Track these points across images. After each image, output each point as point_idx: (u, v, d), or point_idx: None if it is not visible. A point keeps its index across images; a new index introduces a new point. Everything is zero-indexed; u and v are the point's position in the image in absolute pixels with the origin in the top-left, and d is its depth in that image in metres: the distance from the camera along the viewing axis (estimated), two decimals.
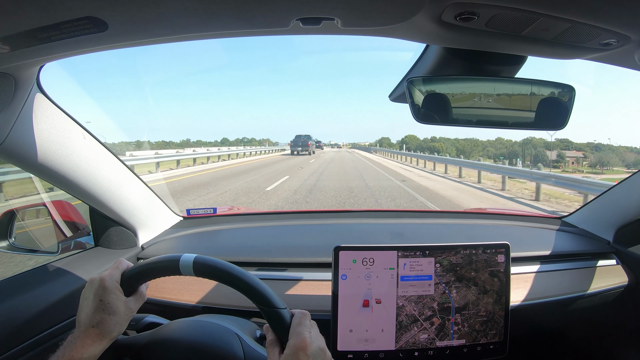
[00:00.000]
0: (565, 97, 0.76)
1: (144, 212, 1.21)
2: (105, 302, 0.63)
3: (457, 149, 73.17)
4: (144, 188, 1.20)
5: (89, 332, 0.61)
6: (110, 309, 0.63)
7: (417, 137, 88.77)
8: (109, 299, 0.63)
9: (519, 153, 52.57)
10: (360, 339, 0.89)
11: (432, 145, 77.90)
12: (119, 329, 0.64)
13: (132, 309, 0.66)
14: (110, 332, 0.62)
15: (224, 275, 0.70)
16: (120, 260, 0.70)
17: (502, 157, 50.38)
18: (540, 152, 52.43)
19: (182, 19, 0.55)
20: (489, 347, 0.92)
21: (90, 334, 0.61)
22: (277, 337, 0.66)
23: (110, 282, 0.65)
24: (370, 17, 0.56)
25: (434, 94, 0.76)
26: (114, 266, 0.68)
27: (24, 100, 0.76)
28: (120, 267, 0.68)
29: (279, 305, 0.69)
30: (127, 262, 0.70)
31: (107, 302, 0.63)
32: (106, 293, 0.64)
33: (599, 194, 1.33)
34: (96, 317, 0.62)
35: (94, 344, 0.61)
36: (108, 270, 0.67)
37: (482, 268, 0.92)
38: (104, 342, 0.62)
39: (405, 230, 1.41)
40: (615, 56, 0.69)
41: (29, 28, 0.52)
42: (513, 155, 55.31)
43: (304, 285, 1.06)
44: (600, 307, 1.15)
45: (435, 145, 78.30)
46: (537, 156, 50.32)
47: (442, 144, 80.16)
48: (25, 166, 0.86)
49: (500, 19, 0.56)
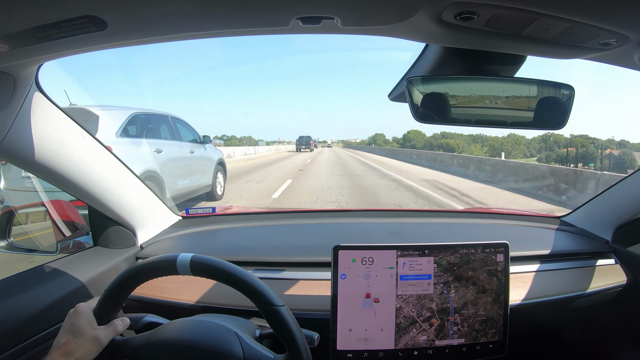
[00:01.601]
0: (564, 97, 0.77)
1: (142, 212, 1.21)
2: (75, 325, 0.70)
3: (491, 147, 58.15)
4: (143, 187, 1.20)
5: (54, 354, 0.67)
6: (77, 331, 0.69)
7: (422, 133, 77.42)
8: (78, 323, 0.70)
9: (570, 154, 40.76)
10: (360, 338, 0.89)
11: (443, 143, 66.39)
12: (83, 353, 0.68)
13: (99, 336, 0.70)
14: (72, 353, 0.67)
15: (221, 274, 0.70)
16: (95, 297, 0.77)
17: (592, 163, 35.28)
18: (591, 151, 40.24)
19: (182, 18, 0.55)
20: (488, 346, 0.93)
21: (55, 355, 0.67)
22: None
23: (84, 308, 0.72)
24: (370, 16, 0.57)
25: (433, 94, 0.76)
26: (92, 300, 0.76)
27: (22, 99, 0.76)
28: (95, 301, 0.75)
29: (277, 303, 0.69)
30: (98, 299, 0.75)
31: (76, 325, 0.70)
32: (77, 317, 0.71)
33: (597, 194, 1.34)
34: (63, 338, 0.69)
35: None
36: (85, 302, 0.75)
37: (480, 267, 0.92)
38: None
39: (405, 229, 1.41)
40: (614, 56, 0.69)
41: (28, 27, 0.52)
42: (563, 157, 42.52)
43: (303, 285, 1.06)
44: (599, 307, 1.16)
45: (450, 142, 66.23)
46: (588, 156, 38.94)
47: (457, 141, 67.18)
48: (24, 165, 0.86)
49: (500, 19, 0.56)
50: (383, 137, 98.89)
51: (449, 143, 66.21)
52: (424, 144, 70.79)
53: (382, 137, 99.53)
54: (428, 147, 57.96)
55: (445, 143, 66.90)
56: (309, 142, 35.94)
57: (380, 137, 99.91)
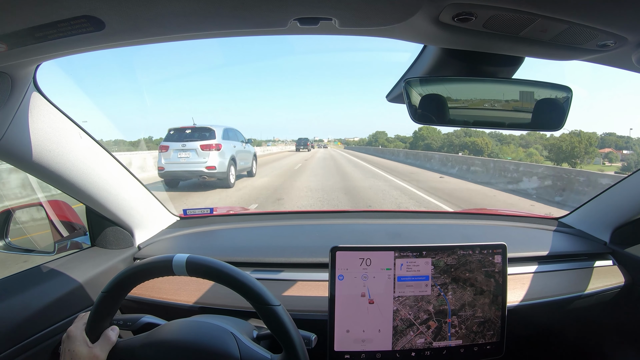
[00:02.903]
0: (562, 98, 0.77)
1: (140, 212, 1.20)
2: (71, 350, 0.72)
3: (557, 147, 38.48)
4: (141, 188, 1.19)
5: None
6: (74, 356, 0.71)
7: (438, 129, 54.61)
8: (73, 347, 0.72)
9: None
10: (357, 339, 0.89)
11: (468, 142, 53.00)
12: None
13: (96, 354, 0.71)
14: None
15: (216, 274, 0.71)
16: (80, 315, 0.78)
17: None
18: None
19: (179, 19, 0.55)
20: (486, 347, 0.93)
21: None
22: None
23: (74, 332, 0.74)
24: (368, 17, 0.57)
25: (431, 95, 0.76)
26: (77, 319, 0.77)
27: (20, 99, 0.75)
28: (84, 319, 0.76)
29: (272, 302, 0.69)
30: (86, 315, 0.76)
31: (72, 350, 0.72)
32: (71, 342, 0.72)
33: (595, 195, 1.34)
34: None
35: None
36: (73, 324, 0.76)
37: (477, 269, 0.92)
38: None
39: (403, 230, 1.41)
40: (612, 57, 0.69)
41: (26, 27, 0.52)
42: None
43: (301, 286, 1.05)
44: (597, 308, 1.16)
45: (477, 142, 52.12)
46: None
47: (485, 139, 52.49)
48: (22, 165, 0.86)
49: (498, 20, 0.56)
50: (385, 136, 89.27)
51: (476, 142, 52.10)
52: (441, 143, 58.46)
53: (383, 135, 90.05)
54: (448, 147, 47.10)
55: (470, 142, 52.94)
56: (306, 144, 41.07)
57: (382, 135, 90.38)
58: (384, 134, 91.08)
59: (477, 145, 51.19)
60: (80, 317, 0.77)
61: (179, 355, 0.70)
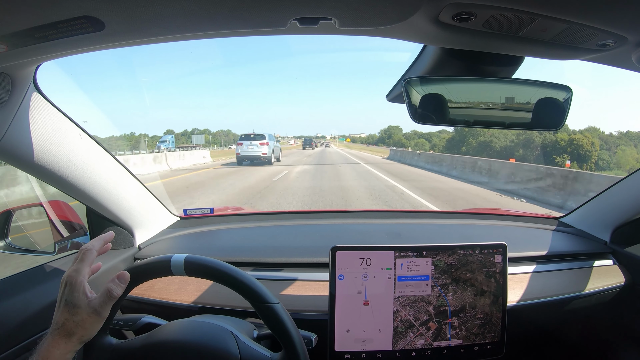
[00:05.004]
0: (562, 98, 0.77)
1: (140, 212, 1.20)
2: (69, 301, 0.62)
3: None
4: (141, 188, 1.20)
5: (54, 334, 0.61)
6: (73, 307, 0.62)
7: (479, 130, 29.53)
8: (72, 297, 0.62)
9: None
10: (358, 339, 0.89)
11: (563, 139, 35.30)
12: (84, 332, 0.62)
13: (96, 308, 0.63)
14: (73, 333, 0.61)
15: (214, 273, 0.71)
16: (85, 250, 0.66)
17: None
18: None
19: (179, 19, 0.55)
20: (486, 347, 0.93)
21: (56, 335, 0.61)
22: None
23: (75, 277, 0.63)
24: (368, 17, 0.56)
25: (431, 95, 0.76)
26: (80, 259, 0.65)
27: (20, 99, 0.76)
28: (87, 260, 0.65)
29: (271, 300, 0.69)
30: (94, 254, 0.67)
31: (71, 301, 0.62)
32: (70, 290, 0.62)
33: (595, 194, 1.34)
34: (60, 318, 0.62)
35: (60, 346, 0.61)
36: (74, 266, 0.65)
37: (478, 269, 0.92)
38: (70, 344, 0.61)
39: (403, 230, 1.41)
40: (612, 57, 0.69)
41: (26, 27, 0.52)
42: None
43: (301, 286, 1.06)
44: (597, 307, 1.16)
45: (580, 140, 35.39)
46: None
47: (588, 136, 36.82)
48: (22, 166, 0.86)
49: (498, 20, 0.56)
50: (400, 132, 78.70)
51: (579, 141, 35.08)
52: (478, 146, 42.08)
53: (398, 131, 79.32)
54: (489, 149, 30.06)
55: (577, 139, 34.99)
56: (311, 143, 48.45)
57: (397, 131, 79.58)
58: (398, 130, 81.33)
59: (580, 145, 33.62)
60: (81, 259, 0.65)
61: (179, 356, 0.70)
